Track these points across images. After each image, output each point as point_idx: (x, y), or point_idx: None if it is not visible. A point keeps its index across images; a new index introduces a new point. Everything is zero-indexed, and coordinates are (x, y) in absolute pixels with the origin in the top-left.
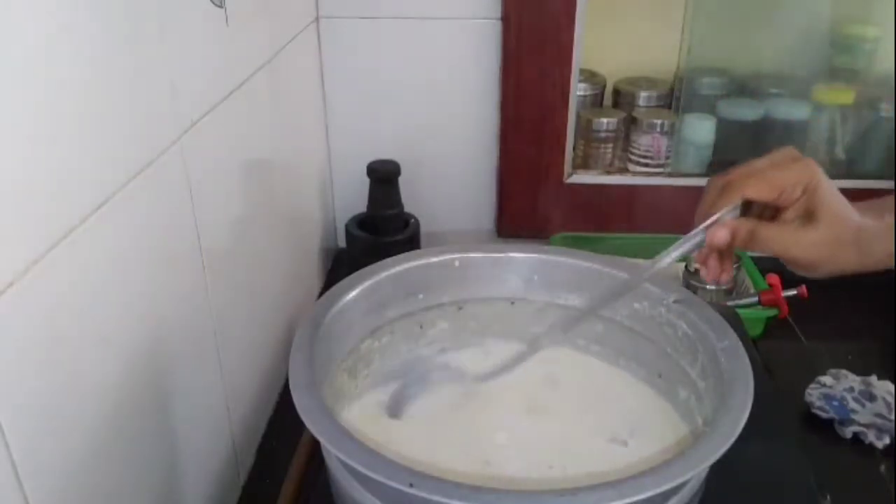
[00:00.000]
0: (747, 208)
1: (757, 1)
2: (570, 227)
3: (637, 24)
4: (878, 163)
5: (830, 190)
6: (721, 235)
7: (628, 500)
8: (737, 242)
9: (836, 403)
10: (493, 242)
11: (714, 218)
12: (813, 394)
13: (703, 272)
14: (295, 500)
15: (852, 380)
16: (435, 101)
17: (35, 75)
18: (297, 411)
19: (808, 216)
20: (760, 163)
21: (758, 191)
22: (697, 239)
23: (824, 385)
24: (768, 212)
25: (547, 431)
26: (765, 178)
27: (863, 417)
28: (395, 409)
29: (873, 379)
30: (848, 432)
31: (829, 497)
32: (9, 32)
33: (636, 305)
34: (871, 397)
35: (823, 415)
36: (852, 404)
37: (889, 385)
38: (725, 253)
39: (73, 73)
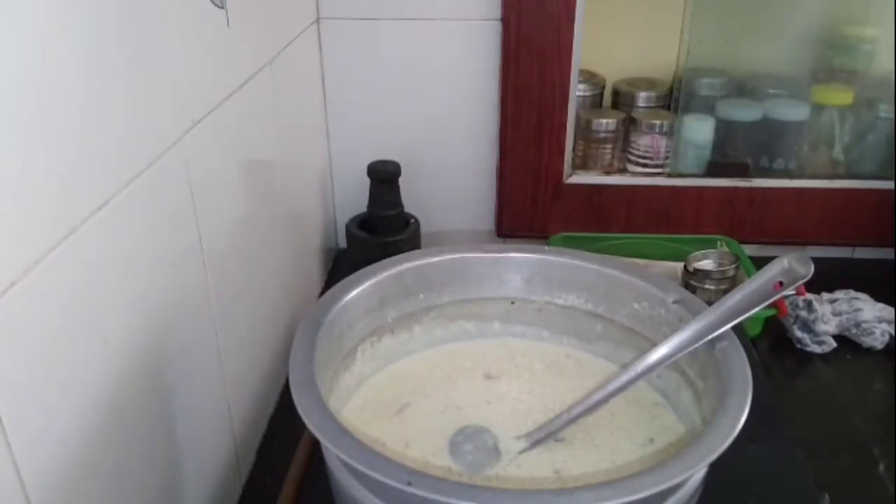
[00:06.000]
0: None
1: (756, 2)
2: (569, 227)
3: (636, 24)
4: (878, 163)
5: None
6: None
7: (626, 500)
8: None
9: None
10: (493, 242)
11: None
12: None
13: None
14: (295, 500)
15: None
16: (435, 102)
17: (36, 75)
18: (297, 411)
19: None
20: None
21: None
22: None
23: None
24: None
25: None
26: None
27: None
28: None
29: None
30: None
31: (828, 497)
32: (8, 32)
33: (636, 305)
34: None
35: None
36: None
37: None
38: None
39: (75, 73)
